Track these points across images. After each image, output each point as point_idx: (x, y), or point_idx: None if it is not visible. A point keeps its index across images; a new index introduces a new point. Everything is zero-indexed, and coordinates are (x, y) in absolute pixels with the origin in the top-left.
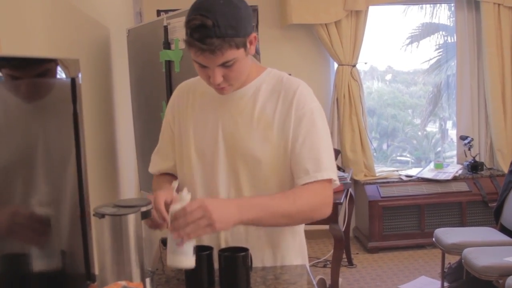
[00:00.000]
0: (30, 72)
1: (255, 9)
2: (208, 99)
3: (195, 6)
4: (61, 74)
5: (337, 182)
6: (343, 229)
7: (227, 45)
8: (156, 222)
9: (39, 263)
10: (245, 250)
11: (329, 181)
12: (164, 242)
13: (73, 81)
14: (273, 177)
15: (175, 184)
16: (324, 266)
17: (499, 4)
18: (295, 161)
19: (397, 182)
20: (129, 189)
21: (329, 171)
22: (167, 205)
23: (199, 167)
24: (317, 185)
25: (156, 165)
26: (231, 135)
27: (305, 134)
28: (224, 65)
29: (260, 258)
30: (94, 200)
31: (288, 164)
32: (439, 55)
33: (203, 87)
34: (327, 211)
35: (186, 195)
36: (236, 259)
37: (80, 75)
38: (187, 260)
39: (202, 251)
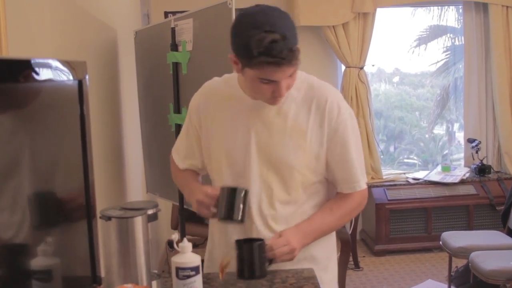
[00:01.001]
0: (36, 74)
1: None
2: (237, 104)
3: (254, 24)
4: (68, 76)
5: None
6: (349, 232)
7: (296, 54)
8: (207, 210)
9: (45, 265)
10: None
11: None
12: (170, 244)
13: (80, 83)
14: (304, 184)
15: (174, 236)
16: None
17: (507, 7)
18: (333, 173)
19: (404, 185)
20: (135, 191)
21: (361, 181)
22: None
23: (229, 174)
24: (352, 193)
25: (185, 161)
26: (264, 143)
27: (341, 147)
28: (290, 75)
29: None
30: (101, 203)
31: (318, 171)
32: (446, 58)
33: (230, 90)
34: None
35: (186, 245)
36: (252, 247)
37: (87, 77)
38: None
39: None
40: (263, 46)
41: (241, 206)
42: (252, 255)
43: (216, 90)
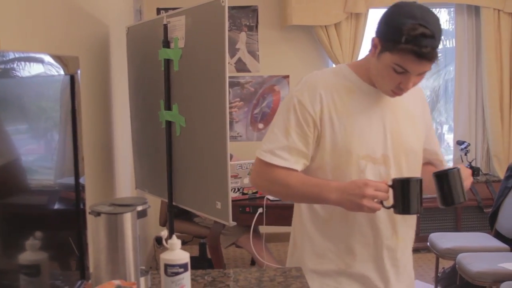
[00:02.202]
0: (29, 69)
1: (255, 10)
2: (361, 96)
3: (411, 15)
4: (60, 71)
5: None
6: None
7: (437, 55)
8: (378, 204)
9: (33, 260)
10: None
11: None
12: (158, 240)
13: (72, 78)
14: (420, 167)
15: (164, 233)
16: None
17: (499, 10)
18: (429, 154)
19: None
20: (124, 187)
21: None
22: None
23: (367, 164)
24: None
25: (299, 161)
26: (395, 131)
27: (433, 132)
28: (421, 73)
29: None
30: (90, 198)
31: None
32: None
33: (348, 83)
34: None
35: (175, 242)
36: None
37: (79, 72)
38: None
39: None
40: (413, 35)
41: (418, 197)
42: (456, 182)
43: (333, 84)
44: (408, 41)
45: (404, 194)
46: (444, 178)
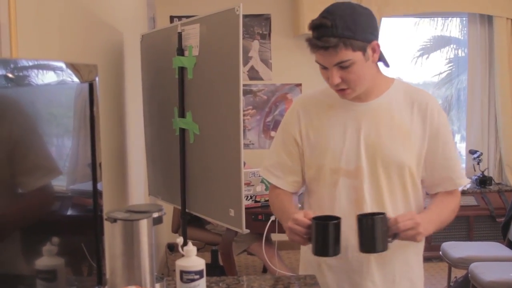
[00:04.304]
0: (43, 76)
1: (268, 18)
2: (340, 110)
3: (323, 11)
4: (79, 78)
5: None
6: None
7: (342, 44)
8: (299, 238)
9: (50, 265)
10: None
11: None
12: (170, 247)
13: (91, 86)
14: (408, 182)
15: (179, 240)
16: None
17: None
18: (433, 173)
19: None
20: (138, 194)
21: (463, 178)
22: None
23: (342, 176)
24: (455, 190)
25: (288, 178)
26: (373, 144)
27: (443, 146)
28: (341, 65)
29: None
30: (104, 204)
31: (418, 171)
32: (449, 69)
33: (329, 99)
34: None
35: (191, 249)
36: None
37: (97, 80)
38: None
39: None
40: (310, 28)
41: (335, 241)
42: (373, 228)
43: (314, 101)
44: (311, 34)
45: (317, 235)
46: (363, 223)
